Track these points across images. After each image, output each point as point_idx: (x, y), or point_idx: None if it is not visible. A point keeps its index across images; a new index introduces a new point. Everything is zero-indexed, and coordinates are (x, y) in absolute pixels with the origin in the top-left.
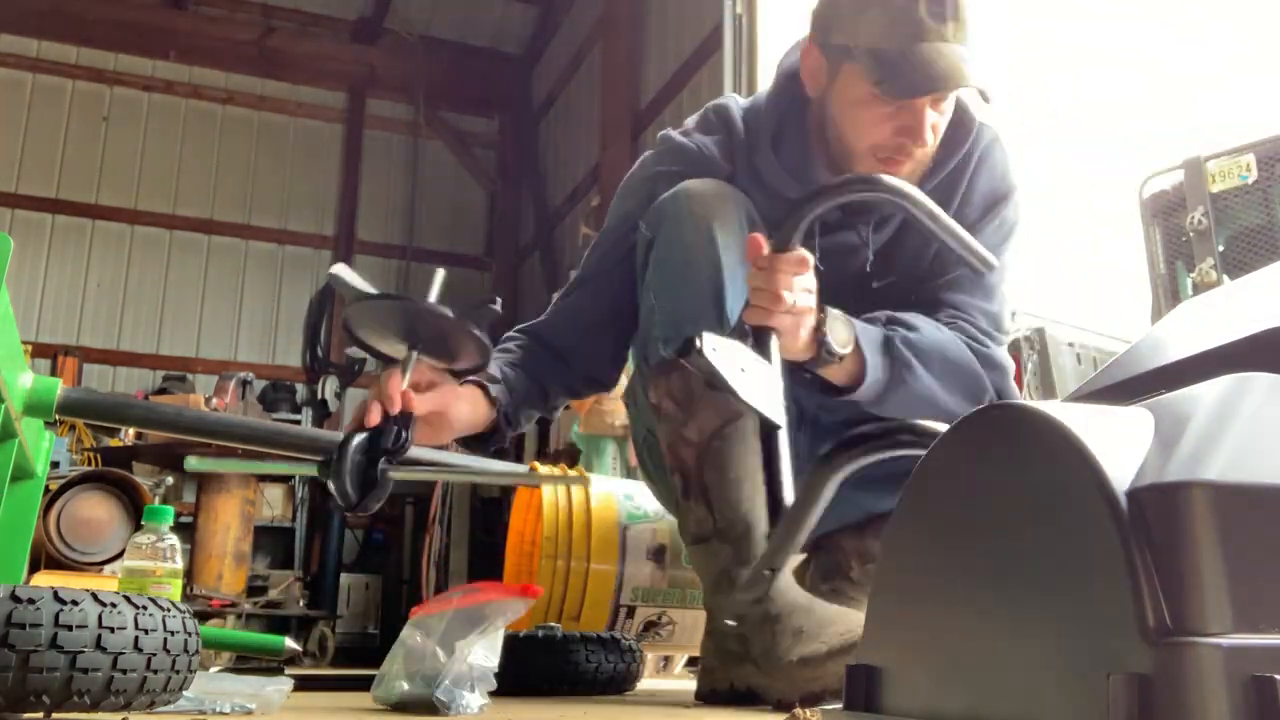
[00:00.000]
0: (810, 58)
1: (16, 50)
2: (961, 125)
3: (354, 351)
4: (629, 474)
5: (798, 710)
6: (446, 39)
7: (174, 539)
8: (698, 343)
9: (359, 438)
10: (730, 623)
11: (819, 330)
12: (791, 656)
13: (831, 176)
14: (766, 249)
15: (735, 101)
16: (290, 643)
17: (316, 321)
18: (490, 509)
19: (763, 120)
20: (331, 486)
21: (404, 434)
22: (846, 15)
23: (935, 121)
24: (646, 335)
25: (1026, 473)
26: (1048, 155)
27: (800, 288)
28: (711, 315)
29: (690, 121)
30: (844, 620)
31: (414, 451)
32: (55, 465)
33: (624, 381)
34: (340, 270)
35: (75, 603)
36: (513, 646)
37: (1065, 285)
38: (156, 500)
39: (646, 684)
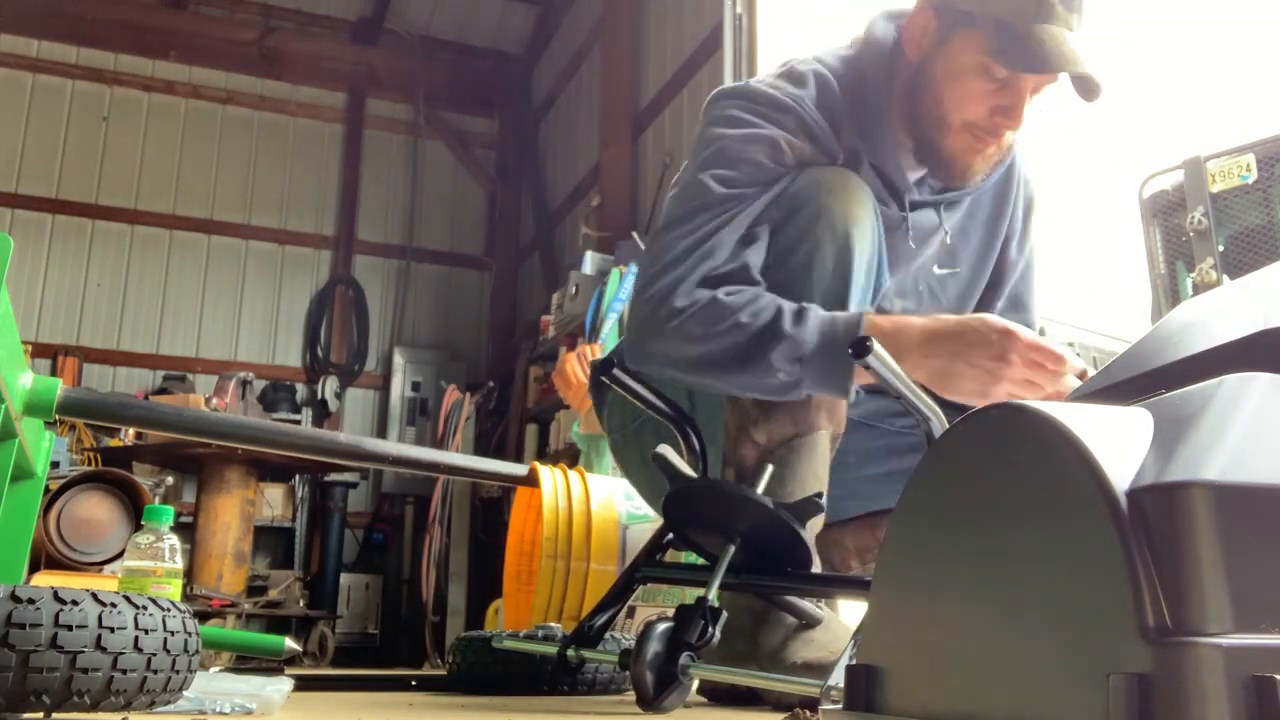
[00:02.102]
0: (921, 17)
1: (16, 50)
2: None
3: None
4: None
5: (797, 710)
6: (446, 39)
7: (174, 539)
8: (871, 345)
9: (662, 627)
10: None
11: None
12: (796, 659)
13: (909, 152)
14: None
15: (817, 65)
16: (290, 643)
17: (317, 321)
18: (490, 509)
19: (873, 65)
20: (631, 678)
21: (710, 628)
22: None
23: (1031, 110)
24: None
25: (1026, 473)
26: (1047, 154)
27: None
28: None
29: (775, 79)
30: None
31: (412, 450)
32: (55, 465)
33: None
34: (664, 450)
35: (75, 603)
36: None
37: (1065, 285)
38: (156, 500)
39: None
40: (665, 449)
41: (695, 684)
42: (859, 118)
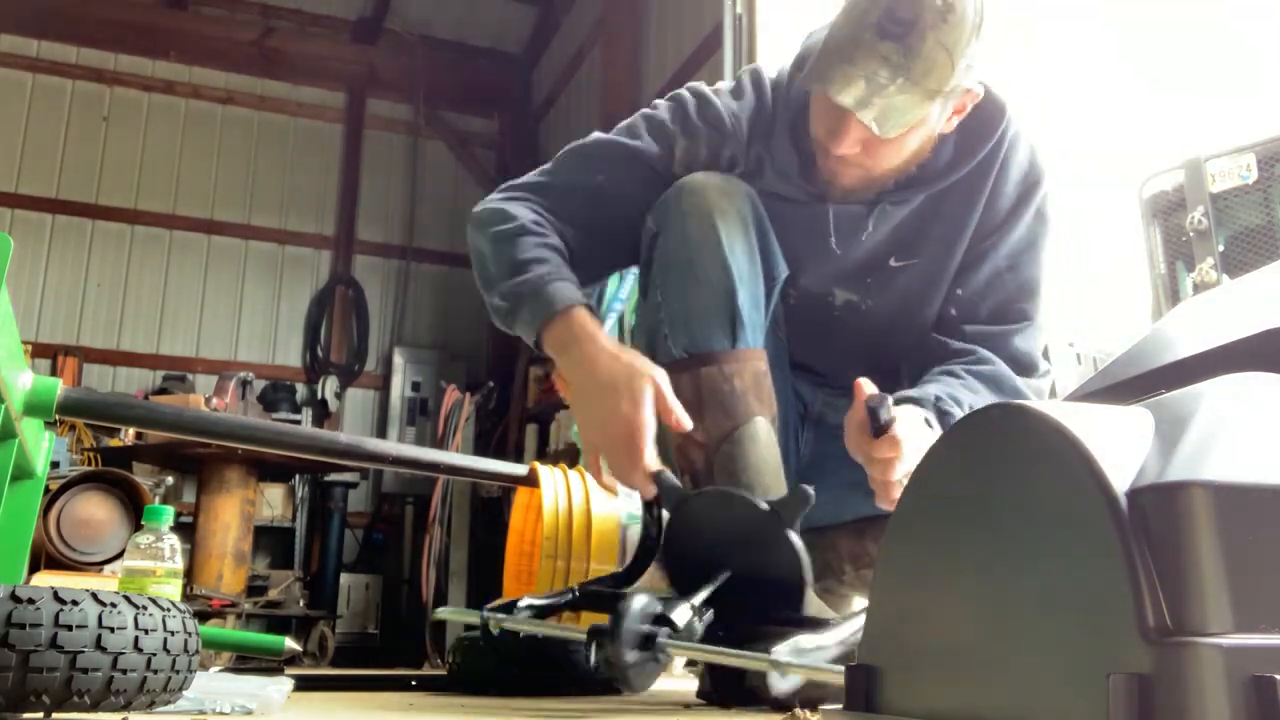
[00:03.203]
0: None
1: (16, 50)
2: (990, 113)
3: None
4: None
5: (797, 710)
6: (446, 39)
7: (174, 539)
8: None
9: (642, 602)
10: None
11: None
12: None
13: (821, 172)
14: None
15: (766, 71)
16: (290, 643)
17: (317, 322)
18: (490, 509)
19: (788, 98)
20: (605, 654)
21: (696, 620)
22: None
23: (866, 137)
24: (654, 332)
25: (1026, 473)
26: (1047, 154)
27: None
28: (723, 316)
29: (723, 85)
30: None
31: (412, 450)
32: (55, 465)
33: None
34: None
35: (75, 603)
36: (514, 647)
37: (1065, 285)
38: (156, 500)
39: (655, 685)
40: (663, 470)
41: (678, 663)
42: (771, 125)
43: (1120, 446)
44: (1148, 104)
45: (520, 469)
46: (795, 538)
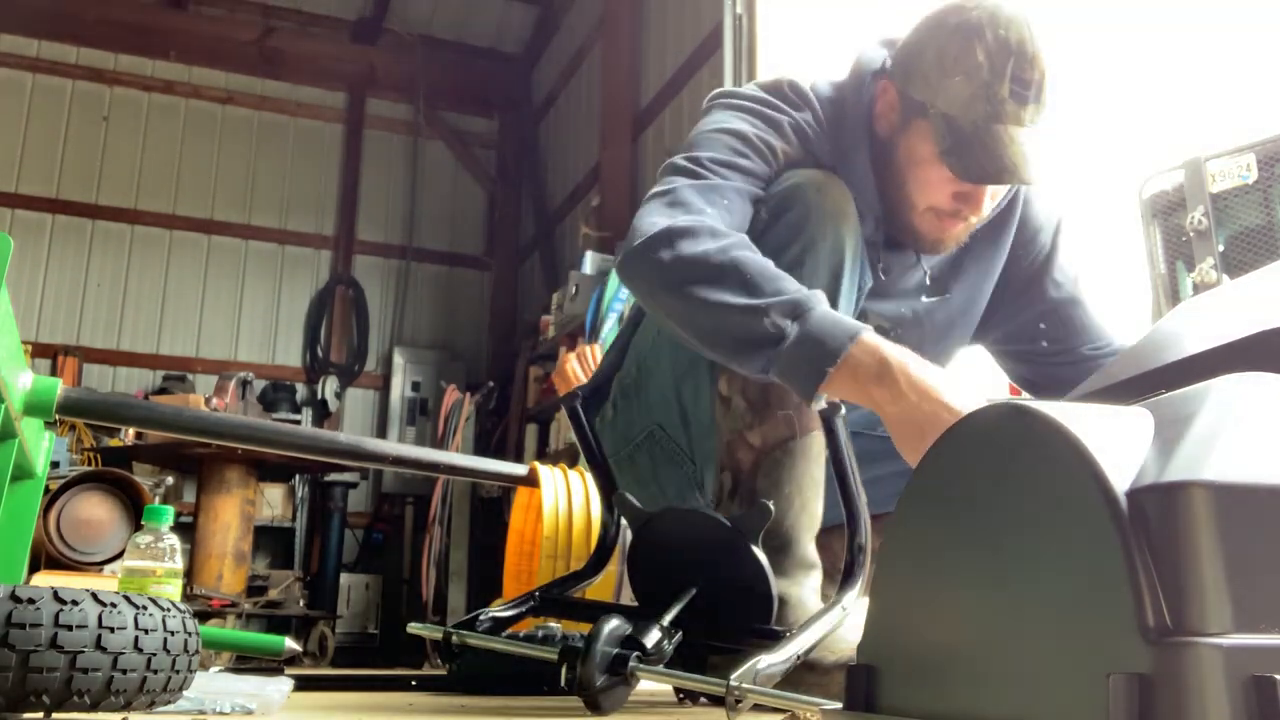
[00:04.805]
0: (887, 95)
1: (16, 50)
2: None
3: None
4: None
5: (796, 710)
6: (446, 39)
7: (174, 539)
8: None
9: (612, 624)
10: None
11: None
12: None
13: (880, 206)
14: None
15: (801, 81)
16: (290, 643)
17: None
18: (490, 509)
19: (853, 113)
20: (576, 676)
21: (665, 642)
22: (930, 73)
23: (995, 191)
24: None
25: (1026, 473)
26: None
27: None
28: None
29: (753, 87)
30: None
31: (412, 450)
32: (55, 465)
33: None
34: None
35: (75, 603)
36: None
37: None
38: (156, 500)
39: (645, 684)
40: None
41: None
42: (837, 146)
43: (1120, 446)
44: (1148, 104)
45: (520, 469)
46: (759, 551)
